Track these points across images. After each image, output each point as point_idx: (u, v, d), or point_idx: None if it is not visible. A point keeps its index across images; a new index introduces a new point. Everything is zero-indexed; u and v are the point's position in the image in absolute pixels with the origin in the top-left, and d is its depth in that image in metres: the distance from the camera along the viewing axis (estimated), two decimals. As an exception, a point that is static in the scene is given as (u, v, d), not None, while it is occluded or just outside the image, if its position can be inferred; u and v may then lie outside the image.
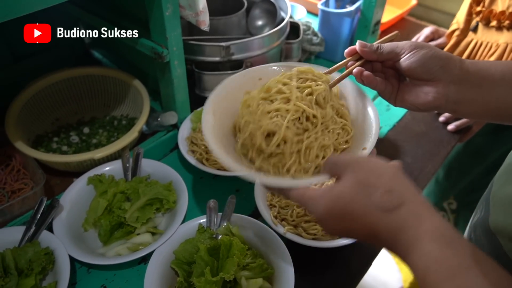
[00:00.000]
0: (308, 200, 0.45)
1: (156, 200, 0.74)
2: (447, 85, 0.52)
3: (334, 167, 0.46)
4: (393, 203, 0.40)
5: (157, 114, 0.89)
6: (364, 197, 0.41)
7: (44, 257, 0.63)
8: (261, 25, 1.19)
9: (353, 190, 0.41)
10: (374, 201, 0.40)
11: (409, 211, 0.39)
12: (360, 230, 0.42)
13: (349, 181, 0.42)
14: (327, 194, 0.43)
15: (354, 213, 0.41)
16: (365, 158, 0.46)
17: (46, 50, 1.06)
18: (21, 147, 0.77)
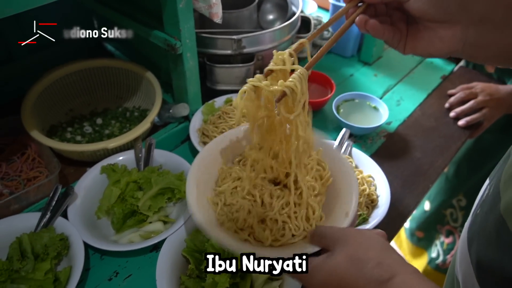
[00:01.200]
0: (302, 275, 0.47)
1: (168, 189, 0.75)
2: (466, 27, 0.44)
3: (323, 240, 0.49)
4: (384, 276, 0.41)
5: (169, 106, 0.90)
6: (356, 272, 0.42)
7: (59, 243, 0.65)
8: (272, 19, 1.19)
9: (345, 265, 0.43)
10: (365, 275, 0.42)
11: (401, 282, 0.41)
12: None
13: (340, 256, 0.44)
14: (322, 268, 0.45)
15: (349, 286, 0.43)
16: (351, 230, 0.48)
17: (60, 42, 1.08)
18: (36, 136, 0.78)
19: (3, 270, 0.61)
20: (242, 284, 0.62)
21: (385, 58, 1.26)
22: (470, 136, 1.00)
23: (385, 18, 0.50)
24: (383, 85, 1.14)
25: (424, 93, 1.11)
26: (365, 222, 0.70)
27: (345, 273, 0.43)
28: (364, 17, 0.48)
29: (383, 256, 0.43)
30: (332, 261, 0.45)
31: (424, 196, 0.85)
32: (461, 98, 1.03)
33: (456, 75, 1.19)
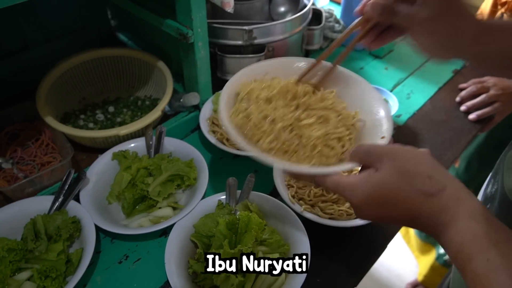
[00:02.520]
0: (346, 187, 0.46)
1: (177, 176, 0.76)
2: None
3: (366, 156, 0.48)
4: (435, 188, 0.42)
5: (180, 95, 0.91)
6: (406, 184, 0.43)
7: (72, 225, 0.67)
8: (284, 12, 1.20)
9: (394, 178, 0.43)
10: (416, 187, 0.42)
11: (450, 194, 0.42)
12: (400, 215, 0.44)
13: (389, 170, 0.44)
14: (368, 182, 0.45)
15: (396, 199, 0.43)
16: (398, 147, 0.47)
17: (74, 32, 1.10)
18: (50, 122, 0.80)
19: (18, 249, 0.63)
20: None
21: (396, 52, 1.25)
22: (481, 130, 0.99)
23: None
24: (394, 78, 1.13)
25: (435, 87, 1.10)
26: (372, 212, 0.71)
27: (394, 185, 0.43)
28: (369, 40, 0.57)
29: (433, 170, 0.43)
30: (380, 174, 0.44)
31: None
32: (473, 92, 1.02)
33: (468, 70, 1.18)
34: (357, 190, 0.45)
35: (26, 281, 0.62)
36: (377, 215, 0.46)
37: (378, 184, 0.44)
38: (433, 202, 0.42)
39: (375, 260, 0.71)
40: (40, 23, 1.01)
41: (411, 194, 0.42)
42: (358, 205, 0.45)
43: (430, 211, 0.42)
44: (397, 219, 0.45)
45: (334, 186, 0.48)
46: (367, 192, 0.44)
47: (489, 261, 0.36)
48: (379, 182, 0.44)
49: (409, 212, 0.43)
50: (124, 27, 1.21)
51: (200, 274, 0.63)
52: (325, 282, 0.65)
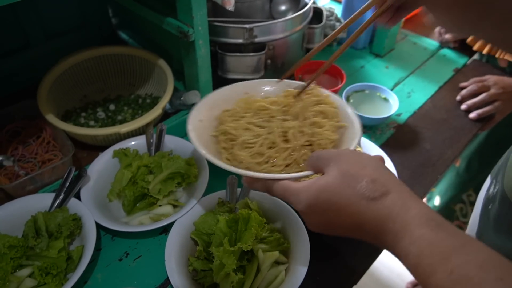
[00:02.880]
0: (292, 193, 0.45)
1: (177, 174, 0.76)
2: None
3: (317, 162, 0.46)
4: (378, 191, 0.40)
5: (180, 93, 0.92)
6: (348, 188, 0.41)
7: (72, 223, 0.67)
8: (284, 10, 1.19)
9: (337, 181, 0.41)
10: (359, 191, 0.40)
11: (395, 199, 0.39)
12: (344, 222, 0.42)
13: (333, 173, 0.42)
14: (311, 187, 0.43)
15: (339, 203, 0.41)
16: (347, 151, 0.46)
17: (75, 30, 1.10)
18: (51, 120, 0.81)
19: (19, 246, 0.63)
20: (249, 267, 0.63)
21: (397, 51, 1.25)
22: (481, 129, 0.99)
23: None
24: (394, 77, 1.13)
25: (436, 86, 1.11)
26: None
27: (337, 189, 0.41)
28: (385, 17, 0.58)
29: (377, 174, 0.41)
30: (324, 179, 0.42)
31: (432, 187, 0.85)
32: (473, 91, 1.02)
33: (469, 68, 1.18)
34: (302, 196, 0.43)
35: (27, 278, 0.63)
36: (323, 224, 0.44)
37: (321, 188, 0.42)
38: (377, 207, 0.39)
39: (375, 258, 0.71)
40: (41, 21, 1.01)
41: (353, 198, 0.40)
42: (303, 211, 0.44)
43: (374, 216, 0.39)
44: (343, 226, 0.42)
45: (282, 193, 0.46)
46: (310, 197, 0.42)
47: (453, 273, 0.34)
48: (322, 186, 0.42)
49: (353, 218, 0.41)
50: (125, 25, 1.21)
51: (200, 271, 0.63)
52: (325, 280, 0.66)
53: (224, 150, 0.60)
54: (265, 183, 0.49)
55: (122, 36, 1.21)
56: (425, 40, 1.31)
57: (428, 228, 0.37)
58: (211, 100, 0.67)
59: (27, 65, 1.02)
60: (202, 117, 0.64)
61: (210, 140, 0.62)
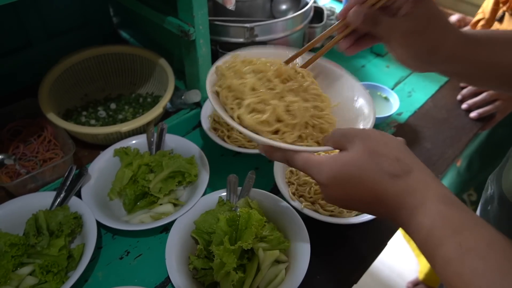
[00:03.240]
0: (314, 165, 0.46)
1: (178, 173, 0.76)
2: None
3: (341, 139, 0.47)
4: (402, 170, 0.42)
5: (181, 92, 0.92)
6: (373, 164, 0.42)
7: (73, 221, 0.67)
8: (285, 9, 1.19)
9: (362, 157, 0.43)
10: (383, 168, 0.42)
11: (417, 177, 0.41)
12: (365, 196, 0.43)
13: (358, 150, 0.44)
14: (336, 161, 0.44)
15: (362, 178, 0.42)
16: (372, 130, 0.47)
17: (76, 29, 1.10)
18: (52, 118, 0.81)
19: (20, 244, 0.63)
20: (250, 266, 0.63)
21: (398, 50, 1.25)
22: (482, 128, 0.99)
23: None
24: (395, 77, 1.13)
25: (437, 85, 1.10)
26: (372, 209, 0.71)
27: (361, 165, 0.43)
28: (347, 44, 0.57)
29: (402, 154, 0.43)
30: (349, 154, 0.44)
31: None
32: (474, 90, 1.02)
33: (470, 68, 1.18)
34: (324, 168, 0.45)
35: (28, 276, 0.63)
36: (342, 196, 0.45)
37: (346, 162, 0.43)
38: (399, 184, 0.41)
39: (375, 257, 0.71)
40: (42, 20, 1.01)
41: (377, 174, 0.42)
42: (324, 183, 0.45)
43: (396, 192, 0.41)
44: (362, 200, 0.44)
45: (302, 164, 0.47)
46: (334, 170, 0.44)
47: (461, 245, 0.36)
48: (347, 161, 0.43)
49: (374, 193, 0.42)
50: (126, 25, 1.21)
51: (201, 270, 0.64)
52: (325, 279, 0.66)
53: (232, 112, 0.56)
54: (285, 154, 0.49)
55: (123, 35, 1.21)
56: (426, 39, 1.31)
57: (443, 204, 0.39)
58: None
59: (29, 64, 1.02)
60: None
61: None
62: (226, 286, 0.60)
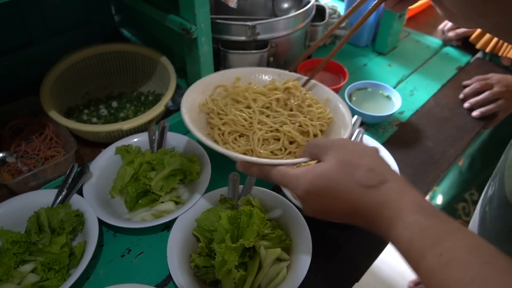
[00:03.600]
0: (291, 179, 0.46)
1: (179, 171, 0.76)
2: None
3: (315, 149, 0.47)
4: (375, 180, 0.41)
5: (183, 90, 0.91)
6: (347, 175, 0.42)
7: (75, 219, 0.67)
8: (287, 8, 1.19)
9: (336, 168, 0.43)
10: (357, 179, 0.42)
11: (391, 187, 0.41)
12: (341, 208, 0.43)
13: (331, 161, 0.43)
14: (310, 173, 0.44)
15: (337, 190, 0.42)
16: (345, 140, 0.48)
17: (78, 27, 1.10)
18: (54, 116, 0.81)
19: (22, 242, 0.63)
20: (251, 264, 0.63)
21: (400, 49, 1.25)
22: (484, 127, 0.99)
23: None
24: (397, 75, 1.13)
25: (439, 84, 1.10)
26: (374, 208, 0.71)
27: (335, 176, 0.42)
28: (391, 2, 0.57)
29: (375, 163, 0.43)
30: (322, 165, 0.44)
31: (435, 185, 0.84)
32: (476, 89, 1.02)
33: (472, 67, 1.17)
34: (300, 181, 0.44)
35: (29, 273, 0.63)
36: (320, 208, 0.45)
37: (320, 174, 0.43)
38: (373, 194, 0.41)
39: (376, 256, 0.71)
40: (44, 18, 1.01)
41: (351, 185, 0.41)
42: (301, 196, 0.45)
43: (371, 203, 0.41)
44: (340, 212, 0.44)
45: (280, 178, 0.47)
46: (309, 182, 0.44)
47: (442, 256, 0.35)
48: (321, 172, 0.43)
49: (349, 204, 0.42)
50: (127, 23, 1.21)
51: (202, 268, 0.64)
52: (326, 277, 0.66)
53: (216, 130, 0.63)
54: (261, 169, 0.50)
55: (125, 33, 1.21)
56: (428, 38, 1.31)
57: (420, 214, 0.38)
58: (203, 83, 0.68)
59: (30, 62, 1.02)
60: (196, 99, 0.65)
61: (205, 122, 0.65)
62: (228, 284, 0.60)
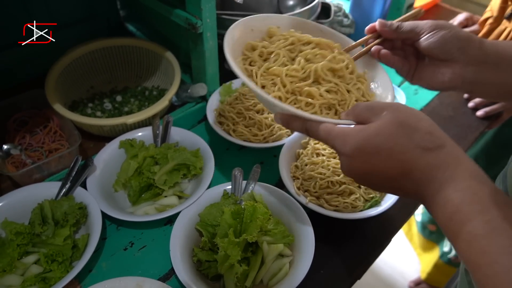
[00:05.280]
0: (337, 135, 0.44)
1: (183, 166, 0.76)
2: (465, 66, 0.53)
3: (365, 112, 0.46)
4: (434, 143, 0.41)
5: (187, 86, 0.92)
6: (404, 136, 0.41)
7: (78, 211, 0.67)
8: (292, 5, 1.19)
9: (393, 128, 0.42)
10: (415, 140, 0.41)
11: (449, 152, 0.40)
12: (392, 168, 0.42)
13: (389, 120, 0.42)
14: (363, 131, 0.43)
15: (392, 149, 0.41)
16: (400, 104, 0.46)
17: (83, 21, 1.10)
18: (59, 109, 0.81)
19: (25, 233, 0.63)
20: (253, 259, 0.63)
21: (405, 48, 1.24)
22: (488, 127, 0.99)
23: (399, 52, 0.59)
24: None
25: (443, 83, 1.10)
26: (378, 205, 0.71)
27: (392, 135, 0.41)
28: (378, 48, 0.59)
29: (433, 128, 0.43)
30: (379, 123, 0.42)
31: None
32: (481, 89, 1.01)
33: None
34: (349, 139, 0.43)
35: (33, 265, 0.63)
36: (366, 169, 0.43)
37: (375, 132, 0.42)
38: (430, 157, 0.40)
39: (379, 254, 0.71)
40: (49, 12, 1.01)
41: (409, 146, 0.41)
42: (349, 154, 0.43)
43: (426, 165, 0.40)
44: (388, 174, 0.42)
45: (325, 134, 0.46)
46: (361, 140, 0.42)
47: (490, 222, 0.35)
48: (376, 130, 0.42)
49: (401, 165, 0.41)
50: (133, 17, 1.21)
51: (205, 262, 0.64)
52: (328, 273, 0.66)
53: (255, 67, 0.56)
54: (304, 123, 0.48)
55: (129, 28, 1.21)
56: (433, 37, 1.30)
57: (475, 181, 0.38)
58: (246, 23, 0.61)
59: (36, 55, 1.02)
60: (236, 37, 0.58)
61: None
62: (230, 278, 0.60)
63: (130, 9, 1.20)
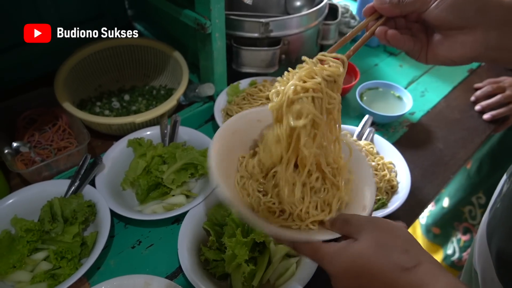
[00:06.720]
0: (324, 256, 0.45)
1: (191, 165, 0.77)
2: (487, 31, 0.45)
3: (346, 226, 0.46)
4: (411, 262, 0.41)
5: (195, 85, 0.92)
6: (383, 257, 0.42)
7: (87, 209, 0.68)
8: (300, 6, 1.19)
9: (372, 249, 0.42)
10: (392, 261, 0.41)
11: (426, 270, 0.41)
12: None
13: (367, 241, 0.43)
14: (346, 252, 0.44)
15: (373, 271, 0.42)
16: (377, 219, 0.46)
17: (91, 20, 1.11)
18: (68, 108, 0.82)
19: (35, 230, 0.64)
20: (261, 259, 0.63)
21: (412, 50, 1.24)
22: (494, 130, 0.99)
23: (405, 31, 0.51)
24: (408, 76, 1.13)
25: (450, 86, 1.10)
26: (384, 207, 0.71)
27: (371, 258, 0.42)
28: (384, 28, 0.50)
29: (409, 245, 0.43)
30: (358, 246, 0.43)
31: (444, 186, 0.84)
32: (488, 92, 1.01)
33: (483, 69, 1.17)
34: (335, 260, 0.44)
35: (42, 261, 0.64)
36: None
37: (357, 255, 0.43)
38: (410, 277, 0.40)
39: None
40: (58, 11, 1.02)
41: (388, 268, 0.41)
42: (336, 275, 0.44)
43: (406, 284, 0.41)
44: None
45: (312, 253, 0.46)
46: (345, 262, 0.43)
47: None
48: (358, 253, 0.43)
49: (386, 286, 0.42)
50: (141, 17, 1.22)
51: (212, 261, 0.64)
52: (335, 274, 0.66)
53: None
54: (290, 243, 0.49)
55: (137, 27, 1.21)
56: (439, 40, 1.30)
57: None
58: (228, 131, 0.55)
59: (44, 54, 1.03)
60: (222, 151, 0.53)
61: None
62: (237, 278, 0.60)
63: (138, 8, 1.20)
